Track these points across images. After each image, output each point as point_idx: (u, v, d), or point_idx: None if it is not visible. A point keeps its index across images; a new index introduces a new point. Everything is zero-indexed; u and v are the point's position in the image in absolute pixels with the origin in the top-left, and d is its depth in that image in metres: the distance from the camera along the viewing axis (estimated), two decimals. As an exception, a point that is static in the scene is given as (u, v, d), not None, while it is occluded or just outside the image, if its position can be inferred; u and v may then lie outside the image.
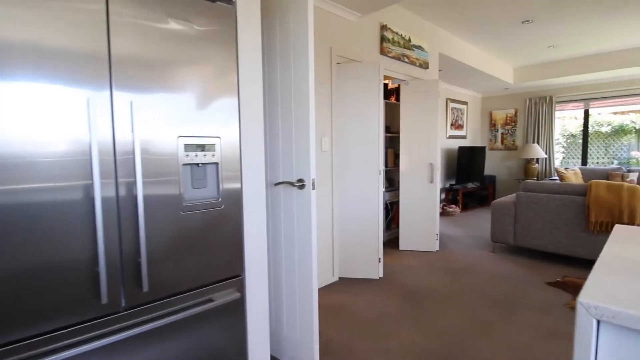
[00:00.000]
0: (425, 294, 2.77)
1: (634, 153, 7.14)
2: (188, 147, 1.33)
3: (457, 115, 7.16)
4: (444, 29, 4.44)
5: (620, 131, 7.11)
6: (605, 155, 7.08)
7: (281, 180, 1.85)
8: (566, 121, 7.30)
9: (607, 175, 5.98)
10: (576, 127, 7.38)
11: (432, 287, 2.92)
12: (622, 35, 4.80)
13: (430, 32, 4.22)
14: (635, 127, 7.01)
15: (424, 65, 4.06)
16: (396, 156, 4.52)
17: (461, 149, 6.53)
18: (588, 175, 6.21)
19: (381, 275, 3.17)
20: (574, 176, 6.25)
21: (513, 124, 7.65)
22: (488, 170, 7.87)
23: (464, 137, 7.42)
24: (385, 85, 4.54)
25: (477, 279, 3.07)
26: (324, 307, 2.57)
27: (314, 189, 1.71)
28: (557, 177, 6.34)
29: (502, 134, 7.84)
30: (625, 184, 3.11)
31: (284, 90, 1.83)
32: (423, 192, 3.88)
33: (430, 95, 3.79)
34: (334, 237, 3.07)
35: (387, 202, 4.41)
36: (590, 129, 7.05)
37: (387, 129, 4.50)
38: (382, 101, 3.11)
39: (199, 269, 1.37)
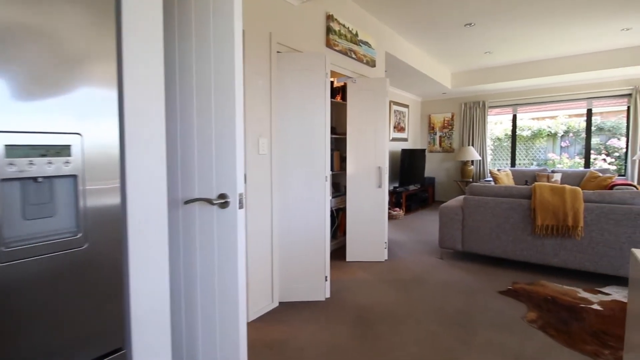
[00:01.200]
0: (379, 316, 2.44)
1: (550, 155, 7.83)
2: (14, 151, 0.78)
3: (399, 118, 7.15)
4: (390, 27, 4.24)
5: (538, 135, 7.75)
6: (526, 157, 7.61)
7: (196, 197, 1.34)
8: (493, 125, 7.72)
9: (534, 175, 6.36)
10: (501, 131, 7.87)
11: (385, 306, 2.60)
12: (549, 44, 5.08)
13: (376, 29, 3.97)
14: (550, 132, 7.69)
15: (371, 63, 3.79)
16: (342, 159, 4.19)
17: (404, 151, 6.49)
18: (518, 176, 6.56)
19: (328, 295, 2.79)
20: (506, 177, 6.56)
21: (450, 127, 7.89)
22: (428, 172, 8.02)
23: (405, 139, 7.44)
24: (331, 83, 4.20)
25: (430, 292, 2.84)
26: (259, 347, 2.09)
27: (241, 207, 1.24)
28: (491, 178, 6.61)
29: (440, 137, 8.05)
30: (567, 186, 3.13)
31: (200, 77, 1.33)
32: (371, 197, 3.60)
33: (378, 94, 3.52)
34: (273, 256, 2.60)
35: (333, 208, 4.06)
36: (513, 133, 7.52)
37: (333, 130, 4.16)
38: (328, 97, 2.73)
39: (39, 356, 0.82)
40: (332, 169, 4.01)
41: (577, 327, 2.25)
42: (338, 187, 4.36)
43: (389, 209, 6.08)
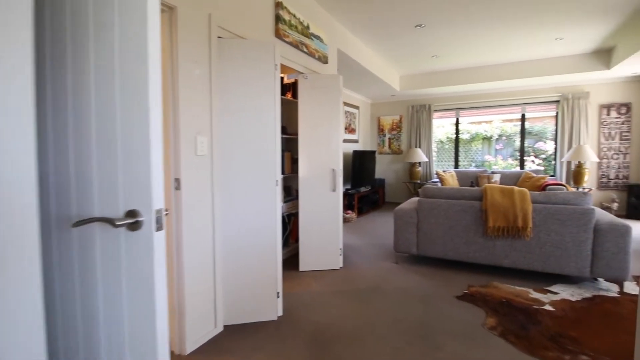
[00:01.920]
0: (337, 335, 2.20)
1: (487, 157, 8.34)
2: None
3: (350, 119, 7.06)
4: (342, 23, 4.06)
5: (475, 138, 8.22)
6: (465, 158, 8.00)
7: (91, 217, 0.97)
8: (436, 129, 8.00)
9: (476, 176, 6.64)
10: (444, 134, 8.21)
11: (343, 321, 2.37)
12: (490, 51, 5.30)
13: (328, 24, 3.76)
14: (486, 135, 8.20)
15: (323, 59, 3.57)
16: (294, 161, 3.91)
17: (355, 152, 6.40)
18: (461, 177, 6.81)
19: (280, 313, 2.48)
20: (451, 178, 6.78)
21: (398, 129, 8.01)
22: (378, 173, 8.05)
23: (356, 141, 7.38)
24: (281, 79, 3.90)
25: (389, 302, 2.67)
26: (200, 387, 1.73)
27: (160, 228, 0.90)
28: (437, 179, 6.78)
29: (389, 138, 8.14)
30: (515, 188, 3.18)
31: (100, 57, 0.96)
32: (325, 202, 3.36)
33: (331, 91, 3.30)
34: (215, 273, 2.24)
35: (285, 214, 3.76)
36: (453, 136, 7.83)
37: (284, 130, 3.86)
38: (278, 92, 2.43)
39: None
40: (283, 172, 3.71)
41: (535, 332, 2.21)
42: (289, 191, 4.07)
43: (342, 211, 5.92)
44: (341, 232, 3.46)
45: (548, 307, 2.55)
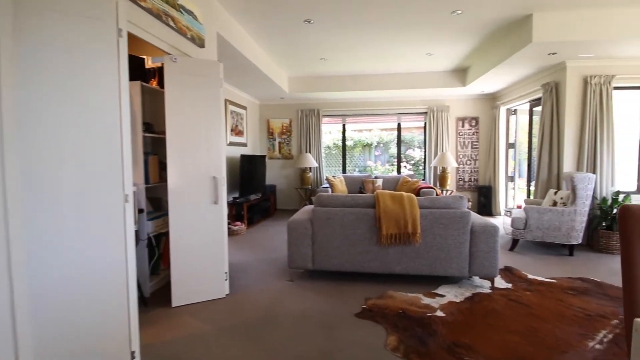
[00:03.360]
0: (219, 398, 1.67)
1: (368, 162, 8.91)
2: None
3: (237, 120, 6.46)
4: (222, 5, 3.51)
5: (357, 145, 8.71)
6: (349, 164, 8.36)
7: None
8: (323, 135, 8.12)
9: (362, 181, 6.89)
10: (331, 140, 8.42)
11: (228, 374, 1.86)
12: (372, 60, 5.51)
13: (205, 2, 3.16)
14: (367, 142, 8.77)
15: (199, 41, 2.96)
16: (163, 166, 3.15)
17: (243, 157, 5.85)
18: (349, 182, 6.97)
19: (138, 379, 1.80)
20: (340, 183, 6.88)
21: (289, 133, 7.79)
22: (269, 179, 7.64)
23: (244, 144, 6.82)
24: (141, 60, 3.10)
25: (285, 334, 2.27)
26: None
27: None
28: (327, 185, 6.79)
29: (279, 142, 7.84)
30: (404, 193, 3.19)
31: None
32: (205, 216, 2.75)
33: (211, 82, 2.73)
34: (18, 347, 1.43)
35: (151, 235, 2.97)
36: (340, 142, 8.08)
37: (149, 127, 3.07)
38: (125, 72, 1.75)
39: None
40: (147, 181, 2.93)
41: (434, 345, 2.13)
42: (158, 204, 3.28)
43: (230, 223, 5.28)
44: (226, 252, 2.90)
45: (439, 313, 2.56)
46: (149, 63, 3.51)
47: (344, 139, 7.93)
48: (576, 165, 4.47)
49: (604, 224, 4.13)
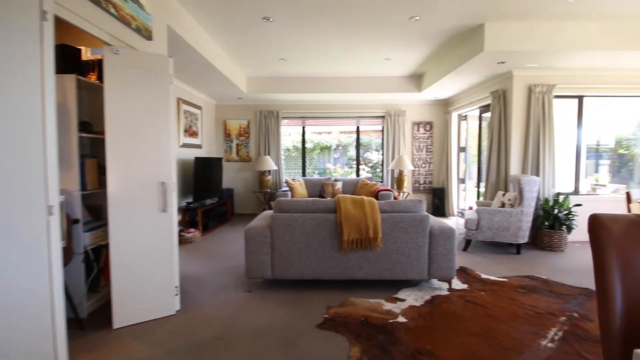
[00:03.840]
0: None
1: (328, 165, 8.91)
2: None
3: (191, 121, 6.10)
4: (173, -4, 3.25)
5: (318, 147, 8.69)
6: (309, 166, 8.30)
7: None
8: (282, 137, 7.99)
9: (322, 184, 6.83)
10: (290, 142, 8.30)
11: (177, 404, 1.66)
12: (331, 63, 5.47)
13: (152, -9, 2.89)
14: (326, 145, 8.78)
15: (145, 33, 2.69)
16: (104, 171, 2.83)
17: (198, 160, 5.52)
18: (309, 185, 6.88)
19: (67, 420, 1.54)
20: (300, 187, 6.77)
21: (247, 135, 7.53)
22: (225, 183, 7.32)
23: (199, 146, 6.46)
24: (77, 51, 2.76)
25: (241, 353, 2.10)
26: None
27: None
28: (287, 188, 6.64)
29: (237, 144, 7.55)
30: (365, 197, 3.16)
31: None
32: (152, 226, 2.50)
33: (159, 78, 2.48)
34: None
35: (88, 248, 2.64)
36: (300, 145, 7.98)
37: (86, 127, 2.73)
38: (48, 60, 1.50)
39: None
40: (83, 187, 2.60)
41: (397, 353, 2.09)
42: (98, 213, 2.94)
43: (183, 230, 4.94)
44: (177, 264, 2.66)
45: (401, 319, 2.54)
46: (88, 55, 3.15)
47: (303, 141, 7.83)
48: (522, 169, 4.76)
49: (546, 223, 4.43)
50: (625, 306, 0.73)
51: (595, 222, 0.80)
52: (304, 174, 7.88)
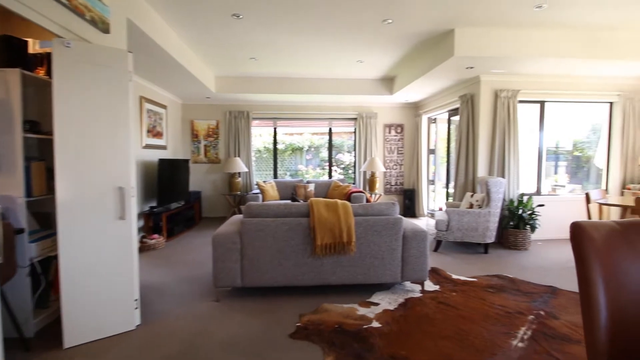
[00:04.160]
0: None
1: (300, 166, 8.83)
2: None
3: (155, 121, 5.79)
4: (134, -13, 3.03)
5: (289, 148, 8.58)
6: (281, 168, 8.18)
7: None
8: (253, 138, 7.81)
9: (294, 186, 6.73)
10: (262, 143, 8.13)
11: None
12: (303, 64, 5.39)
13: (110, -20, 2.68)
14: (298, 146, 8.69)
15: (102, 25, 2.48)
16: (52, 175, 2.57)
17: (162, 161, 5.24)
18: (281, 187, 6.76)
19: None
20: (271, 189, 6.62)
21: (215, 136, 7.28)
22: (193, 185, 7.01)
23: (164, 147, 6.15)
24: (22, 43, 2.49)
25: (209, 368, 1.97)
26: None
27: None
28: (258, 190, 6.49)
29: (205, 145, 7.28)
30: (339, 201, 3.10)
31: None
32: (107, 235, 2.29)
33: (116, 74, 2.29)
34: None
35: (34, 259, 2.39)
36: (271, 146, 7.84)
37: (34, 127, 2.47)
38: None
39: None
40: (29, 194, 2.34)
41: (373, 361, 2.03)
42: (48, 221, 2.67)
43: (145, 237, 4.66)
44: (136, 274, 2.46)
45: (375, 324, 2.50)
46: (36, 48, 2.87)
47: (275, 143, 7.69)
48: (489, 170, 4.91)
49: (511, 223, 4.59)
50: (610, 319, 0.71)
51: (578, 230, 0.77)
52: (275, 176, 7.74)
